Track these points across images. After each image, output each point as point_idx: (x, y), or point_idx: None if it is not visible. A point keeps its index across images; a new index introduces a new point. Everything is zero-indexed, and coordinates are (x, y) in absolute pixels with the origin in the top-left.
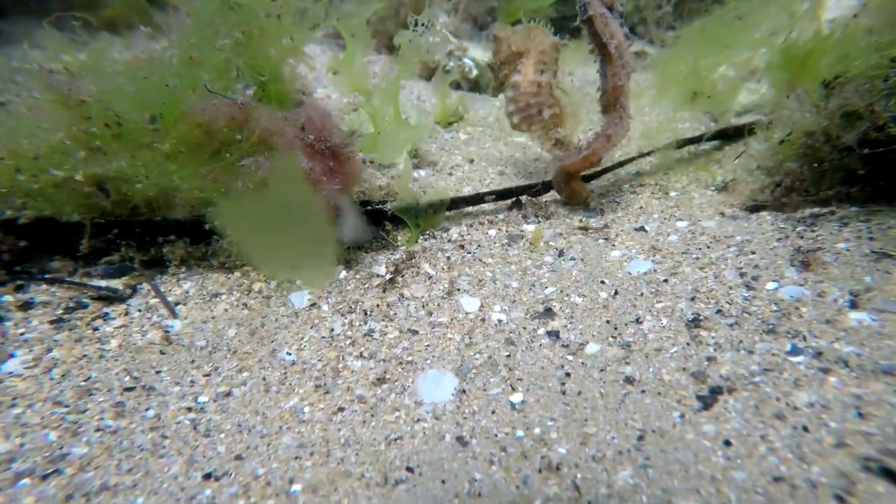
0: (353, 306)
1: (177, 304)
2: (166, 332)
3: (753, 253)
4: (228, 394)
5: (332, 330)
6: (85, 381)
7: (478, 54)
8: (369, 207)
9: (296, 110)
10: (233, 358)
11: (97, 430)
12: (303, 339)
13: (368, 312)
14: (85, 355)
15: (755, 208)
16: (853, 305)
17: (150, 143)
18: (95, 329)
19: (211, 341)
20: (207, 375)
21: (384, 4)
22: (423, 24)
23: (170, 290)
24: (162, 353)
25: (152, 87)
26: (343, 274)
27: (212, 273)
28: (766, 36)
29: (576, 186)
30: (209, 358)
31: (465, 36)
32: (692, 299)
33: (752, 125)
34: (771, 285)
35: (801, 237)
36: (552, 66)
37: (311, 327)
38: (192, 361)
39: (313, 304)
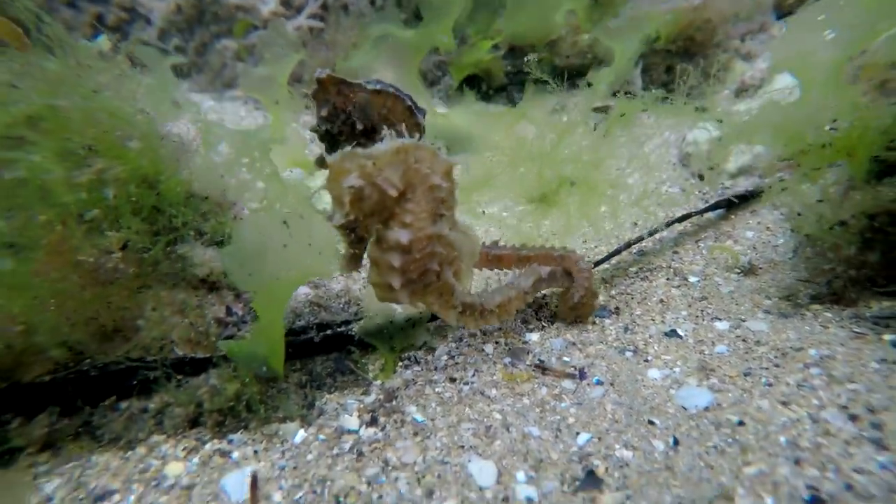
0: (317, 489)
1: None
2: None
3: (852, 381)
4: None
5: None
6: None
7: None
8: (329, 332)
9: None
10: None
11: None
12: None
13: (341, 500)
14: None
15: (805, 302)
16: None
17: None
18: None
19: None
20: None
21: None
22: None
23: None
24: None
25: None
26: (300, 435)
27: (98, 455)
28: None
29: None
30: None
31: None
32: (796, 462)
33: (753, 193)
34: None
35: None
36: (450, 205)
37: None
38: None
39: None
